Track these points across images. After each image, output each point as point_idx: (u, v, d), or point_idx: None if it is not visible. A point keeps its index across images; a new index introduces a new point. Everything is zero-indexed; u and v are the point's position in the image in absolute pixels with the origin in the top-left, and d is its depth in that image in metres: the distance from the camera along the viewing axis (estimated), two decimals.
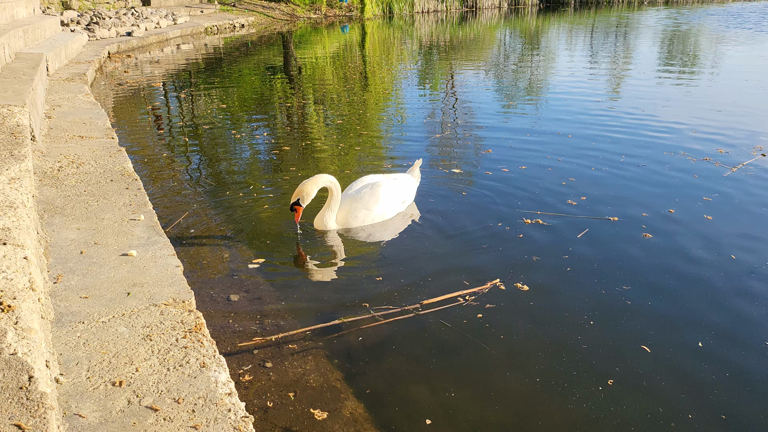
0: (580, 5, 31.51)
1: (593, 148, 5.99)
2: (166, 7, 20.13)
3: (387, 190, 4.18)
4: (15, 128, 3.79)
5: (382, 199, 4.15)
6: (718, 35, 17.55)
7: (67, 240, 2.97)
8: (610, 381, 2.54)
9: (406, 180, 4.40)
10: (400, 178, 4.37)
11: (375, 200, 4.12)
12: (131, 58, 12.93)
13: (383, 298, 3.21)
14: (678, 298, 3.21)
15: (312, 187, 3.82)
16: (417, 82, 11.08)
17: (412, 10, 27.35)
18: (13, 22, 8.69)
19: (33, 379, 1.50)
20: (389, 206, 4.22)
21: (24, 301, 1.88)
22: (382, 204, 4.16)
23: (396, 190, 4.25)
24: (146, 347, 2.14)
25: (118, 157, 4.41)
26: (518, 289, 3.29)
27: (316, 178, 3.85)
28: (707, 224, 4.14)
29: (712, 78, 10.62)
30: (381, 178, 4.28)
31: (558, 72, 11.64)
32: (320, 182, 3.85)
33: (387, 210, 4.22)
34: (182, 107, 8.51)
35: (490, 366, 2.66)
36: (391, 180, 4.28)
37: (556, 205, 4.48)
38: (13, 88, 5.00)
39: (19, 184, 2.83)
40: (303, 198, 3.83)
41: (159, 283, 2.60)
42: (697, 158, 5.59)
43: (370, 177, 4.32)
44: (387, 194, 4.18)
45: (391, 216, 4.28)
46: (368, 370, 2.65)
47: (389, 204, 4.21)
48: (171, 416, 1.82)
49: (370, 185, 4.19)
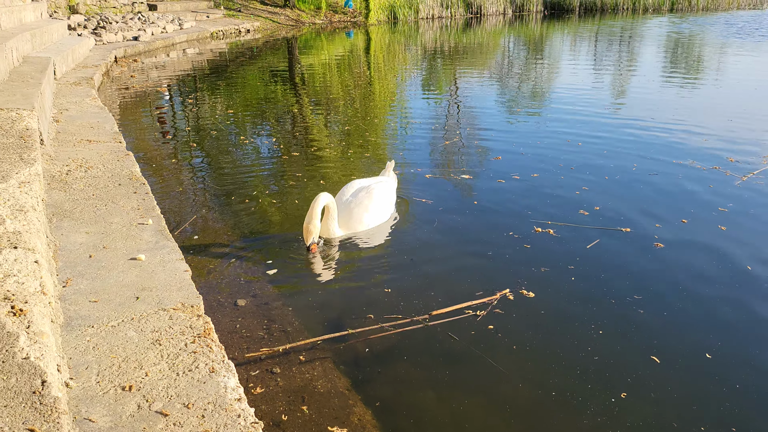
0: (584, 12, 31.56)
1: (605, 157, 5.96)
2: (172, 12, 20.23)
3: (381, 191, 4.29)
4: (24, 132, 3.80)
5: (381, 199, 4.25)
6: (724, 43, 17.55)
7: (76, 244, 2.98)
8: (624, 394, 2.52)
9: (391, 181, 4.53)
10: (385, 180, 4.48)
11: (374, 201, 4.20)
12: (138, 63, 12.99)
13: (391, 308, 3.19)
14: (689, 309, 3.20)
15: (316, 221, 3.83)
16: (422, 88, 11.10)
17: (416, 16, 27.42)
18: (21, 26, 8.74)
19: (46, 383, 1.50)
20: (386, 206, 4.34)
21: (35, 305, 1.88)
22: (381, 204, 4.26)
23: (387, 191, 4.37)
24: (155, 352, 2.15)
25: (125, 161, 4.42)
26: (528, 299, 3.27)
27: (312, 210, 3.81)
28: (721, 235, 4.11)
29: (720, 86, 10.61)
30: (371, 181, 4.39)
31: (564, 79, 11.64)
32: (318, 210, 3.84)
33: (386, 210, 4.33)
34: (188, 112, 8.54)
35: (501, 377, 2.64)
36: (378, 182, 4.38)
37: (569, 215, 4.45)
38: (21, 92, 5.02)
39: (29, 188, 2.84)
40: (315, 235, 3.85)
41: (167, 287, 2.60)
42: (707, 167, 5.57)
43: (358, 181, 4.40)
44: (382, 195, 4.29)
45: (389, 216, 4.36)
46: (376, 378, 2.65)
47: (386, 204, 4.33)
48: (181, 421, 1.82)
49: (364, 188, 4.27)
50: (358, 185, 4.33)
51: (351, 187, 4.33)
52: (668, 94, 9.82)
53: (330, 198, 3.95)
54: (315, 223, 3.83)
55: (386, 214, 4.35)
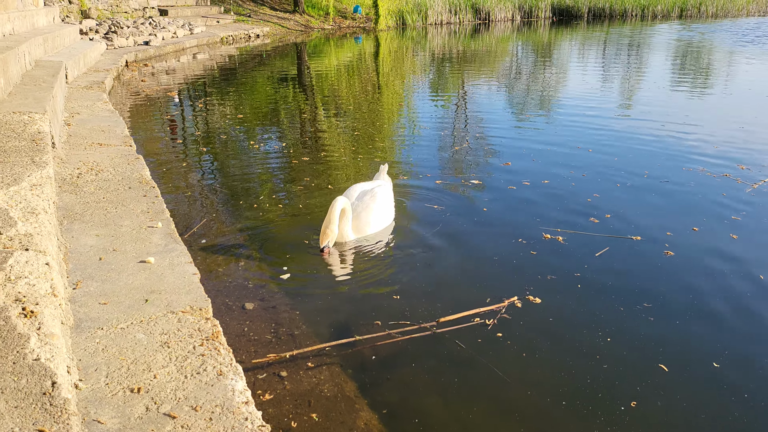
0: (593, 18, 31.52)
1: (615, 163, 5.92)
2: (183, 17, 20.39)
3: (384, 194, 4.33)
4: (36, 135, 3.84)
5: (385, 201, 4.30)
6: (733, 50, 17.47)
7: (86, 246, 3.00)
8: (634, 403, 2.50)
9: (388, 185, 4.55)
10: (383, 183, 4.51)
11: (379, 204, 4.24)
12: (148, 67, 13.09)
13: (399, 314, 3.18)
14: (698, 318, 3.17)
15: (334, 226, 3.85)
16: (431, 93, 11.11)
17: (425, 21, 27.50)
18: (34, 30, 8.84)
19: (56, 384, 1.51)
20: (390, 208, 4.39)
21: (46, 306, 1.90)
22: (386, 206, 4.32)
23: (388, 193, 4.42)
24: (164, 354, 2.16)
25: (135, 165, 4.46)
26: (537, 307, 3.25)
27: (331, 214, 3.85)
28: (732, 243, 4.07)
29: (730, 93, 10.55)
30: (372, 185, 4.42)
31: (574, 85, 11.62)
32: (337, 214, 3.87)
33: (390, 212, 4.38)
34: (198, 116, 8.59)
35: (509, 385, 2.62)
36: (378, 185, 4.41)
37: (579, 222, 4.42)
38: (33, 96, 5.08)
39: (41, 191, 2.87)
40: (332, 240, 3.87)
41: (176, 290, 2.61)
42: (718, 174, 5.53)
43: (359, 186, 4.41)
44: (386, 197, 4.33)
45: (392, 218, 4.40)
46: (384, 384, 2.65)
47: (390, 206, 4.38)
48: (189, 424, 1.83)
49: (368, 192, 4.31)
50: (360, 189, 4.36)
51: (354, 191, 4.35)
52: (678, 100, 9.78)
53: (347, 202, 3.98)
54: (333, 228, 3.85)
55: (390, 216, 4.40)
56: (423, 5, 27.66)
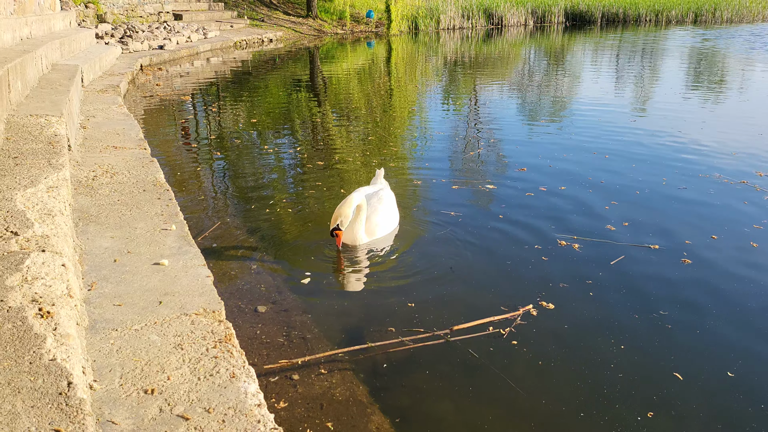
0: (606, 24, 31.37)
1: (633, 170, 5.85)
2: (197, 22, 20.56)
3: (388, 197, 4.34)
4: (53, 138, 3.88)
5: (391, 204, 4.32)
6: (749, 56, 17.30)
7: (101, 248, 3.02)
8: (650, 413, 2.47)
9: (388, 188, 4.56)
10: (384, 186, 4.52)
11: (387, 207, 4.25)
12: (162, 71, 13.21)
13: (412, 321, 3.17)
14: (716, 327, 3.13)
15: (348, 210, 3.85)
16: (444, 98, 11.11)
17: (437, 26, 27.51)
18: (50, 34, 8.95)
19: (72, 385, 1.52)
20: (395, 211, 4.40)
21: (62, 307, 1.91)
22: (392, 209, 4.33)
23: (392, 196, 4.43)
24: (177, 356, 2.16)
25: (150, 168, 4.49)
26: (552, 315, 3.22)
27: (350, 199, 3.87)
28: (752, 251, 4.01)
29: (747, 99, 10.44)
30: (375, 188, 4.42)
31: (588, 91, 11.55)
32: (355, 202, 3.88)
33: (396, 215, 4.39)
34: (211, 120, 8.65)
35: (523, 394, 2.60)
36: (380, 188, 4.42)
37: (595, 229, 4.37)
38: (50, 99, 5.13)
39: (57, 193, 2.89)
40: (342, 222, 3.85)
41: (190, 292, 2.62)
42: (736, 181, 5.46)
43: (363, 189, 4.39)
44: (391, 200, 4.36)
45: (398, 221, 4.40)
46: (396, 390, 2.63)
47: (395, 209, 4.40)
48: (201, 426, 1.83)
49: (373, 195, 4.30)
50: (365, 193, 4.33)
51: (359, 194, 4.34)
52: (694, 106, 9.69)
53: (364, 200, 3.95)
54: (346, 210, 3.82)
55: (397, 218, 4.40)
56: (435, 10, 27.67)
